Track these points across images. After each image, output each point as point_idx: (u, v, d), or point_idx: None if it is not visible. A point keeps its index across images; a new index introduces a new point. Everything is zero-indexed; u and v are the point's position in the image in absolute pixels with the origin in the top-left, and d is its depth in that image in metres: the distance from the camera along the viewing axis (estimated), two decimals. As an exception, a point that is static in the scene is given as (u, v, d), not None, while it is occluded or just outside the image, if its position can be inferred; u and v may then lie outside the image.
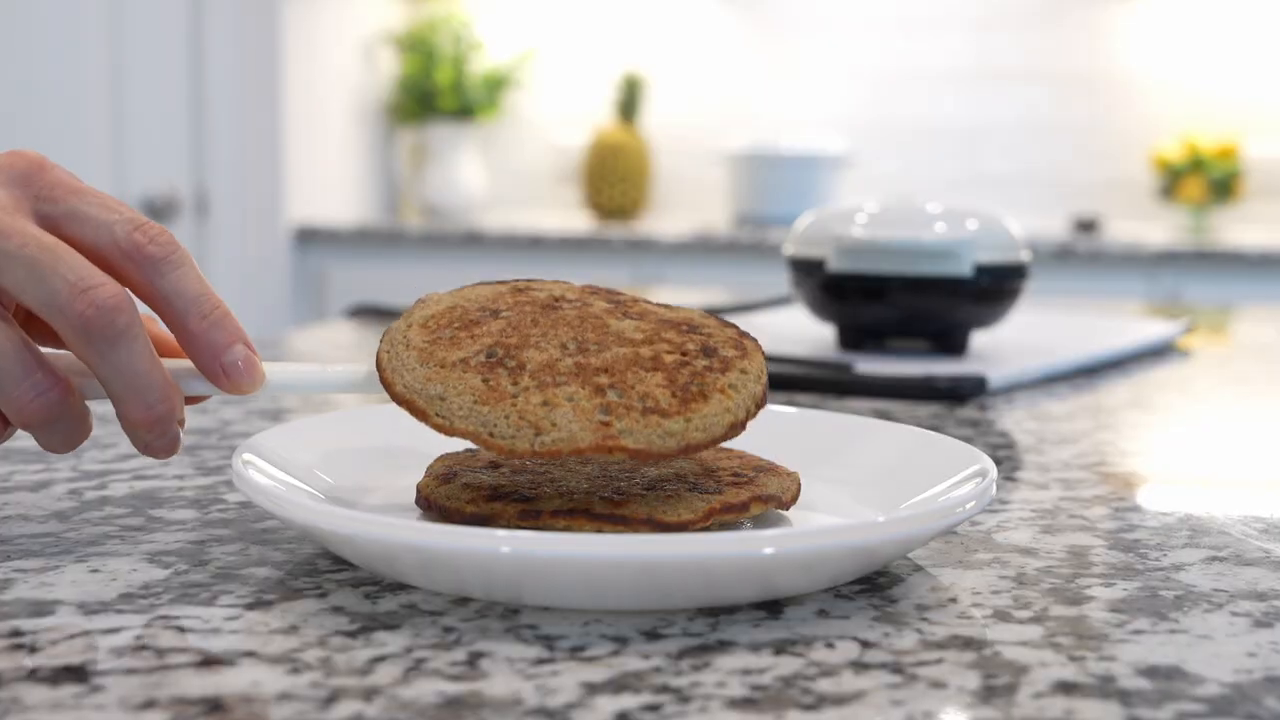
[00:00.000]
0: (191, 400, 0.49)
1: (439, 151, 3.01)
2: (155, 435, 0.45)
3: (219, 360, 0.46)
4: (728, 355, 0.45)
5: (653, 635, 0.38)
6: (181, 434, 0.46)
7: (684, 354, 0.45)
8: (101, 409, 0.66)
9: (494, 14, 3.14)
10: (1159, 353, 1.02)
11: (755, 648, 0.37)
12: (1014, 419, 0.74)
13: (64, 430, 0.45)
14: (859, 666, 0.36)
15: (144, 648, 0.36)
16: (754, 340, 0.47)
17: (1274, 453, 0.69)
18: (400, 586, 0.42)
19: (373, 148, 3.09)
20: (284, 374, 0.48)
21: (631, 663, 0.36)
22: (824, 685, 0.34)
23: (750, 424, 0.45)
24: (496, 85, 3.02)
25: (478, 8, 3.13)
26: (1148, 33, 2.93)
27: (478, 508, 0.44)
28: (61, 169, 0.46)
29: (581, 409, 0.42)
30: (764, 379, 0.46)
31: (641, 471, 0.47)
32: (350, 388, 0.48)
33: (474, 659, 0.36)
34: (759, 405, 0.45)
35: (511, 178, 3.19)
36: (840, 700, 0.34)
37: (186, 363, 0.47)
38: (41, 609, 0.40)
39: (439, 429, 0.43)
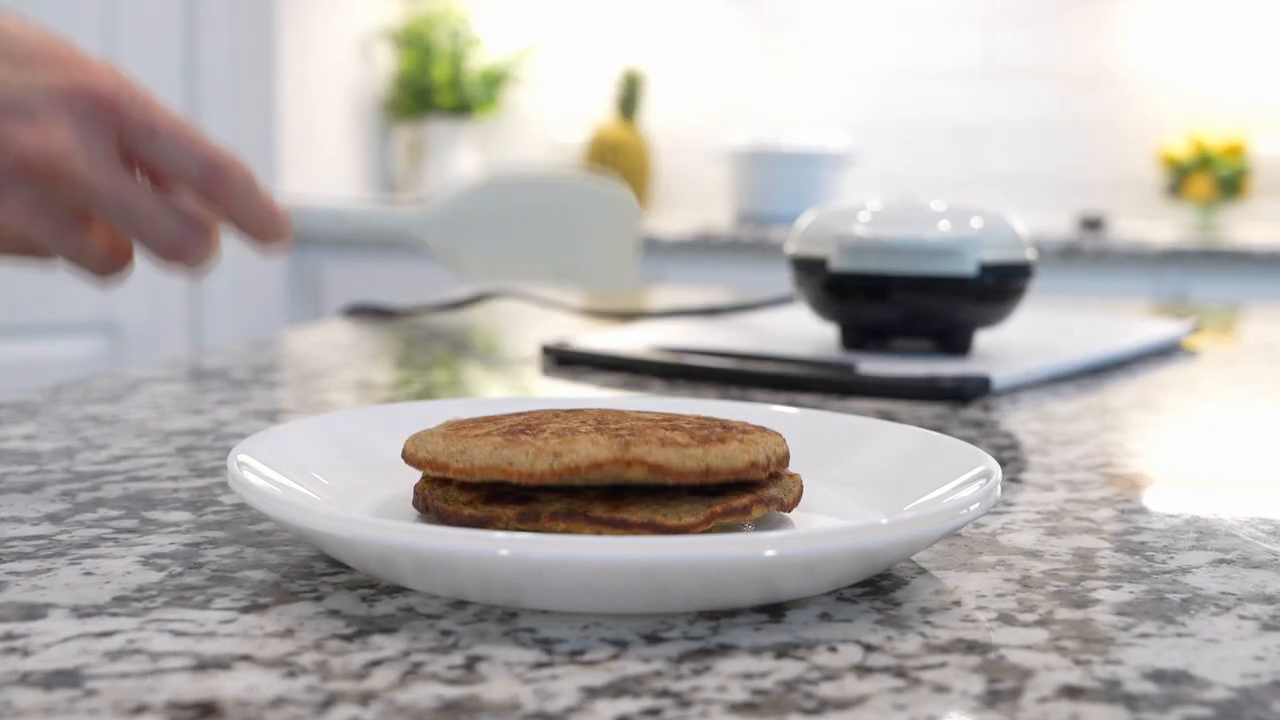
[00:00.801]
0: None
1: (436, 149, 3.01)
2: (198, 230, 0.60)
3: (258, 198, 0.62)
4: (749, 429, 0.47)
5: (653, 639, 0.38)
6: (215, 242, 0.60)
7: (703, 425, 0.47)
8: (105, 411, 0.66)
9: (492, 9, 3.14)
10: (1165, 353, 1.02)
11: (757, 651, 0.37)
12: (1019, 420, 0.74)
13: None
14: (862, 670, 0.36)
15: (137, 651, 0.36)
16: (777, 432, 0.49)
17: (1282, 454, 0.69)
18: (397, 589, 0.42)
19: (369, 145, 3.09)
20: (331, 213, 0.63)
21: (631, 666, 0.36)
22: (826, 689, 0.35)
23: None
24: (495, 82, 3.02)
25: (476, 3, 3.13)
26: (1154, 29, 2.94)
27: (475, 510, 0.44)
28: (135, 99, 0.58)
29: (601, 441, 0.44)
30: (785, 446, 0.47)
31: None
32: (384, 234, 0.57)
33: (472, 663, 0.36)
34: (780, 461, 0.47)
35: (510, 175, 3.19)
36: (843, 705, 0.34)
37: None
38: (34, 612, 0.40)
39: (460, 474, 0.44)
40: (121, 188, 0.57)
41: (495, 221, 0.58)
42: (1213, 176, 2.73)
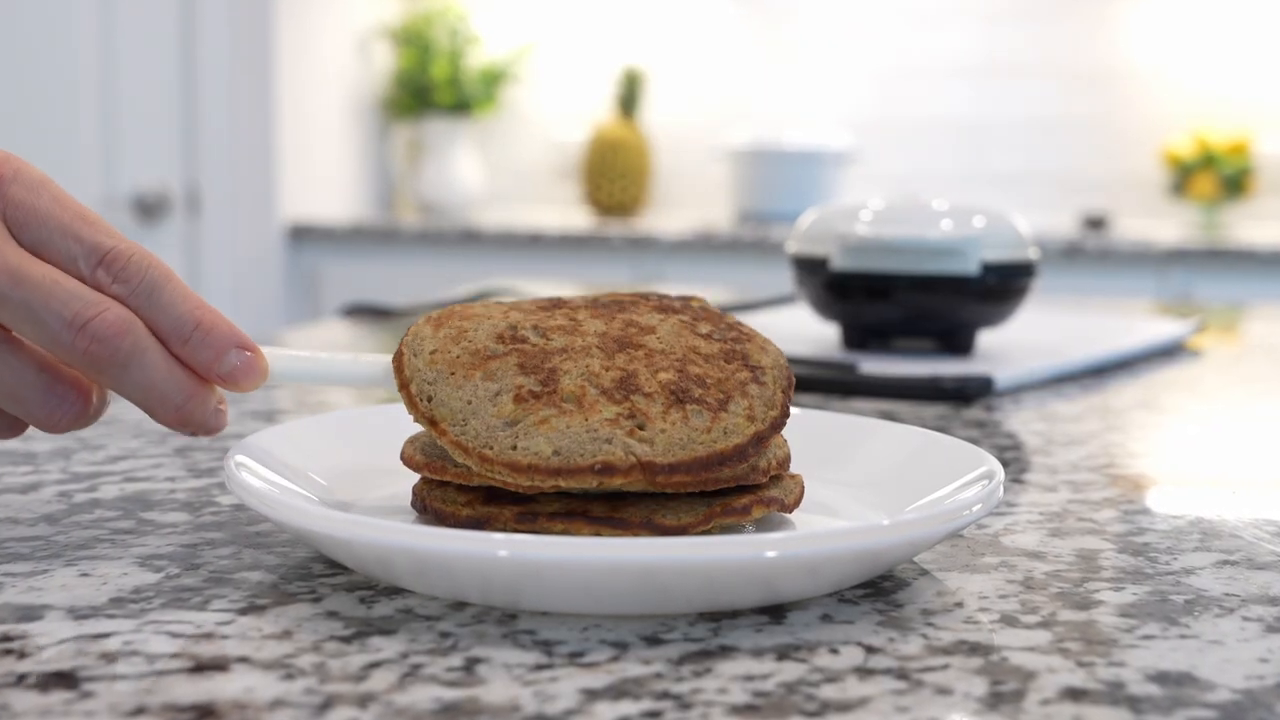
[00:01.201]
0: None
1: (435, 147, 3.01)
2: (195, 427, 0.47)
3: (214, 374, 0.46)
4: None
5: (653, 640, 0.38)
6: (224, 408, 0.47)
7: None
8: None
9: (491, 7, 3.14)
10: (1169, 353, 1.02)
11: (758, 653, 0.37)
12: (1021, 420, 0.74)
13: (91, 421, 0.47)
14: (863, 672, 0.36)
15: (135, 653, 0.36)
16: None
17: (1286, 454, 0.69)
18: (396, 591, 0.42)
19: (367, 143, 3.09)
20: (302, 365, 0.50)
21: (631, 668, 0.36)
22: (828, 691, 0.35)
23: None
24: (494, 80, 3.02)
25: (475, 1, 3.13)
26: (1158, 26, 2.93)
27: (474, 510, 0.44)
28: (21, 175, 0.45)
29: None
30: (786, 448, 0.48)
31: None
32: (371, 380, 0.50)
33: (471, 665, 0.36)
34: (782, 463, 0.47)
35: (509, 174, 3.19)
36: (844, 707, 0.34)
37: None
38: (30, 614, 0.40)
39: (458, 478, 0.44)
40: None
41: None
42: (1217, 175, 2.73)
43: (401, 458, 0.47)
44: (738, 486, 0.46)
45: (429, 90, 2.99)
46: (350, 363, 0.50)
